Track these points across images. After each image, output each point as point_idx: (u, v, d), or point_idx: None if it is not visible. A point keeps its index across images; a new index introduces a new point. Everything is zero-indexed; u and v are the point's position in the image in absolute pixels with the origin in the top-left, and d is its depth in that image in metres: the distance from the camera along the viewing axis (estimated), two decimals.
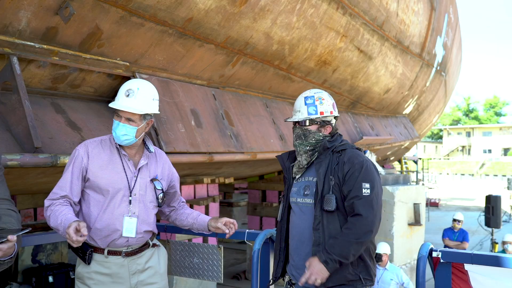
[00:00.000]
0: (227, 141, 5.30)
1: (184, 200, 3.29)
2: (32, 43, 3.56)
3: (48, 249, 6.78)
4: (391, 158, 16.11)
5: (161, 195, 2.94)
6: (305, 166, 2.95)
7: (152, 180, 2.93)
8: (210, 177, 6.89)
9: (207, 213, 6.93)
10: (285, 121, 3.09)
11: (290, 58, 6.20)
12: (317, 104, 2.94)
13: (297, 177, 2.98)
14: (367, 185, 2.74)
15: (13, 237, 2.21)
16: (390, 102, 10.60)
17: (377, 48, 7.89)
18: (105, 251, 2.81)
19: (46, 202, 2.73)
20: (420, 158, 25.43)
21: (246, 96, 6.17)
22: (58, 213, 2.63)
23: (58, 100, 4.06)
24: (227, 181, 7.66)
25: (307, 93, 2.99)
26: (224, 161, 5.39)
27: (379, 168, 9.31)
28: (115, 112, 2.80)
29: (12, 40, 3.43)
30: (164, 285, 3.02)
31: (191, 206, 6.56)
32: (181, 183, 6.23)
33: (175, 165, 4.67)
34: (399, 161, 19.30)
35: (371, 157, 9.25)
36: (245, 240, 3.65)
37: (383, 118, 11.09)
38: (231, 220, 3.07)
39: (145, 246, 2.94)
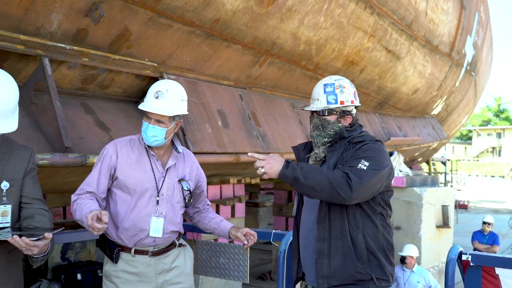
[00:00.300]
0: (253, 142, 5.30)
1: (209, 203, 3.28)
2: (63, 45, 3.62)
3: (77, 247, 6.88)
4: (419, 159, 15.89)
5: (188, 195, 2.95)
6: (323, 158, 2.71)
7: (179, 181, 2.94)
8: (236, 177, 6.90)
9: (233, 213, 6.94)
10: (302, 109, 2.88)
11: (317, 58, 6.17)
12: (337, 93, 2.69)
13: None
14: (366, 162, 2.48)
15: (49, 235, 2.26)
16: (418, 103, 10.45)
17: (406, 48, 7.79)
18: (132, 250, 2.84)
19: (73, 197, 2.76)
20: (448, 160, 25.03)
21: (273, 97, 6.16)
22: (83, 205, 2.65)
23: (87, 100, 4.12)
24: (253, 181, 7.66)
25: (327, 80, 2.74)
26: (251, 161, 5.39)
27: (406, 170, 9.18)
28: (144, 114, 2.82)
29: (44, 42, 3.49)
30: (190, 285, 3.03)
31: (217, 206, 6.58)
32: (208, 183, 6.25)
33: (202, 165, 4.70)
34: (427, 162, 19.04)
35: (399, 158, 9.14)
36: (271, 240, 3.64)
37: (411, 118, 10.95)
38: (252, 232, 2.99)
39: (171, 246, 2.95)
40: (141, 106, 2.81)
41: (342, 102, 2.68)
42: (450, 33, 9.40)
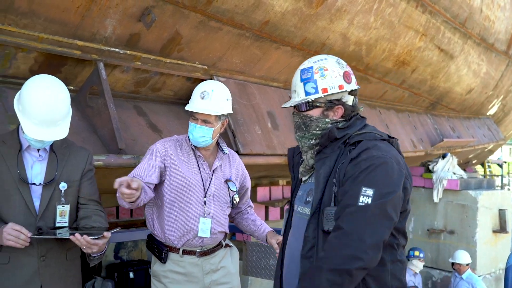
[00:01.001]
0: None
1: (252, 205, 3.27)
2: (117, 49, 3.72)
3: (129, 246, 7.04)
4: (473, 162, 15.38)
5: (235, 196, 2.97)
6: (313, 165, 2.14)
7: (226, 181, 2.96)
8: (286, 179, 6.89)
9: (281, 215, 6.93)
10: (282, 107, 2.42)
11: (367, 59, 6.08)
12: (316, 79, 2.06)
13: (303, 178, 2.19)
14: (369, 191, 1.85)
15: (108, 234, 2.34)
16: (473, 103, 10.11)
17: (459, 46, 7.56)
18: (180, 251, 2.87)
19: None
20: (505, 162, 24.10)
21: None
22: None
23: (140, 103, 4.22)
24: None
25: (305, 63, 2.15)
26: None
27: (461, 172, 8.90)
28: (191, 115, 2.86)
29: (99, 47, 3.60)
30: (237, 285, 3.05)
31: (266, 208, 6.59)
32: (257, 185, 6.28)
33: (252, 166, 4.73)
34: (482, 165, 18.39)
35: (452, 160, 8.87)
36: None
37: (465, 119, 10.61)
38: None
39: (218, 246, 2.98)
40: (188, 107, 2.86)
41: (324, 90, 2.06)
42: (507, 30, 9.04)
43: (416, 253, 7.45)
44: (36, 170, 2.47)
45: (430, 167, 8.68)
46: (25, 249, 2.37)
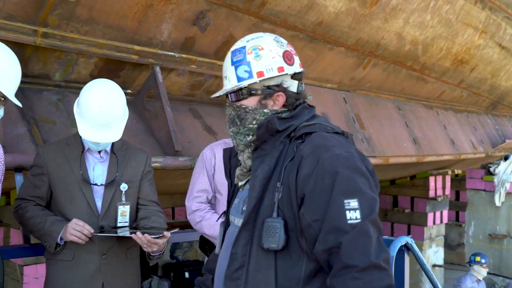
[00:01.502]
0: (358, 145, 5.18)
1: None
2: (172, 53, 3.80)
3: (185, 247, 7.16)
4: None
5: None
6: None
7: None
8: None
9: None
10: (212, 97, 2.07)
11: (424, 58, 5.94)
12: (250, 60, 1.67)
13: (240, 183, 1.77)
14: (353, 203, 1.46)
15: (168, 234, 2.40)
16: None
17: None
18: None
19: (196, 205, 2.88)
20: None
21: (377, 99, 6.03)
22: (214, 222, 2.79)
23: (195, 105, 4.28)
24: None
25: (237, 43, 1.78)
26: None
27: None
28: None
29: (156, 51, 3.69)
30: None
31: None
32: None
33: None
34: None
35: None
36: None
37: None
38: None
39: None
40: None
41: (260, 74, 1.65)
42: None
43: (477, 258, 7.19)
44: (97, 171, 2.56)
45: (491, 169, 8.38)
46: (88, 247, 2.46)
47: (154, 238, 2.38)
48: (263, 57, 1.67)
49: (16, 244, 4.37)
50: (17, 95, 2.44)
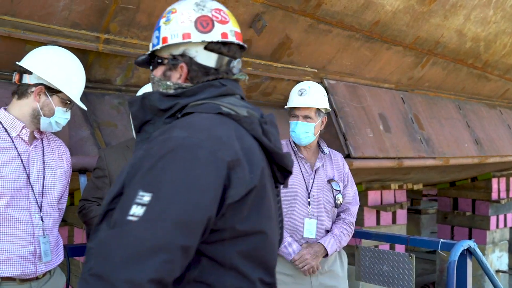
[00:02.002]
0: (417, 146, 5.08)
1: (351, 205, 3.13)
2: None
3: None
4: None
5: (338, 195, 2.94)
6: None
7: (329, 181, 2.95)
8: (398, 183, 6.67)
9: (394, 220, 6.71)
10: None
11: (486, 56, 5.72)
12: (161, 25, 1.48)
13: None
14: (146, 197, 1.17)
15: None
16: None
17: None
18: None
19: None
20: None
21: (436, 98, 5.87)
22: None
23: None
24: (415, 187, 7.34)
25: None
26: (414, 166, 5.18)
27: None
28: (290, 115, 2.94)
29: None
30: None
31: (378, 213, 6.42)
32: (368, 189, 6.14)
33: (363, 170, 4.64)
34: None
35: None
36: (439, 250, 3.45)
37: None
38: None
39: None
40: (288, 105, 2.95)
41: (164, 40, 1.45)
42: None
43: None
44: None
45: None
46: None
47: None
48: (172, 21, 1.45)
49: (79, 242, 4.53)
50: (81, 99, 2.54)
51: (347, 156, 4.30)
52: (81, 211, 2.64)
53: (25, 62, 2.22)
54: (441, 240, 3.43)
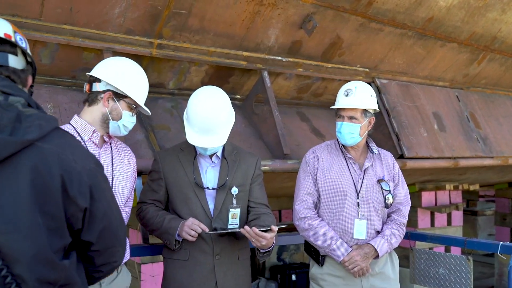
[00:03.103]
0: (473, 145, 4.93)
1: (402, 205, 3.05)
2: (279, 58, 3.84)
3: (291, 249, 7.19)
4: None
5: (388, 196, 2.89)
6: None
7: (378, 181, 2.89)
8: (453, 183, 6.49)
9: (449, 221, 6.53)
10: None
11: None
12: None
13: None
14: None
15: (275, 228, 2.43)
16: None
17: None
18: None
19: (304, 212, 2.89)
20: None
21: (494, 96, 5.67)
22: (324, 228, 2.82)
23: (302, 108, 4.30)
24: (471, 187, 7.12)
25: None
26: (470, 166, 5.02)
27: None
28: (337, 115, 2.90)
29: (263, 56, 3.75)
30: None
31: (432, 214, 6.27)
32: (421, 189, 6.01)
33: (417, 170, 4.54)
34: None
35: None
36: (498, 253, 3.34)
37: None
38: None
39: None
40: (334, 106, 2.91)
41: None
42: None
43: None
44: (210, 175, 2.65)
45: None
46: (202, 248, 2.55)
47: (262, 231, 2.41)
48: None
49: (134, 243, 4.64)
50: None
51: (400, 157, 4.22)
52: (139, 213, 2.70)
53: (95, 72, 2.36)
54: (501, 242, 3.32)
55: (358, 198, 2.85)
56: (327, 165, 2.91)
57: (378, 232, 2.90)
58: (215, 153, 2.65)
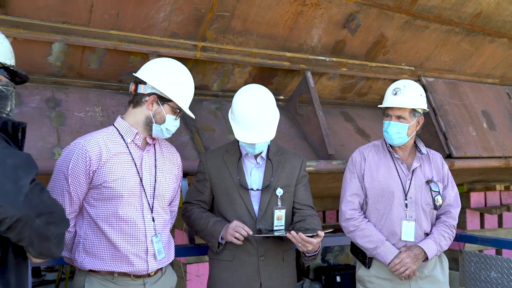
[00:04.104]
0: None
1: (452, 207, 2.96)
2: (323, 58, 3.81)
3: (336, 251, 7.13)
4: None
5: (437, 197, 2.81)
6: None
7: (427, 182, 2.82)
8: (504, 184, 6.29)
9: (500, 223, 6.34)
10: None
11: None
12: None
13: None
14: None
15: (322, 233, 2.41)
16: None
17: None
18: None
19: (350, 213, 2.86)
20: None
21: None
22: (372, 230, 2.79)
23: (346, 108, 4.26)
24: None
25: None
26: None
27: None
28: (384, 114, 2.85)
29: (306, 56, 3.73)
30: None
31: (481, 215, 6.10)
32: (470, 190, 5.85)
33: (465, 170, 4.42)
34: None
35: None
36: None
37: None
38: None
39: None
40: (381, 105, 2.85)
41: None
42: None
43: None
44: (254, 176, 2.65)
45: None
46: (247, 249, 2.56)
47: (308, 236, 2.40)
48: None
49: (180, 244, 4.70)
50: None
51: (448, 156, 4.12)
52: (184, 214, 2.74)
53: (141, 73, 2.36)
54: None
55: (406, 199, 2.80)
56: (374, 165, 2.87)
57: (426, 234, 2.83)
58: (261, 153, 2.65)
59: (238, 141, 2.65)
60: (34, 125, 2.90)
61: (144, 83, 2.32)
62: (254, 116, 2.49)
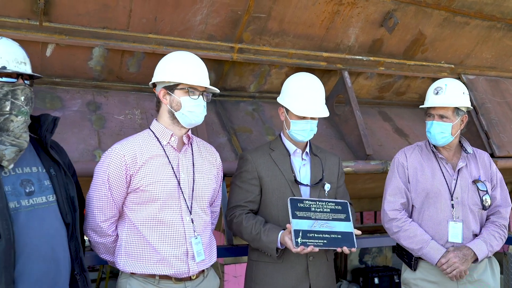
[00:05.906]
0: None
1: (502, 209, 2.87)
2: (360, 57, 3.77)
3: (374, 252, 7.05)
4: None
5: (485, 197, 2.73)
6: None
7: (474, 182, 2.75)
8: None
9: None
10: None
11: None
12: None
13: None
14: None
15: (358, 232, 2.41)
16: None
17: None
18: None
19: (393, 214, 2.81)
20: None
21: None
22: (417, 231, 2.73)
23: (384, 108, 4.20)
24: None
25: None
26: None
27: None
28: (427, 114, 2.79)
29: (343, 56, 3.70)
30: None
31: None
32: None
33: (509, 170, 4.29)
34: None
35: None
36: None
37: None
38: None
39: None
40: (423, 105, 2.80)
41: None
42: None
43: None
44: (302, 173, 2.65)
45: None
46: None
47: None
48: None
49: (218, 244, 4.73)
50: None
51: (490, 156, 4.01)
52: (232, 220, 2.65)
53: (153, 77, 2.39)
54: None
55: (452, 200, 2.74)
56: (418, 166, 2.81)
57: (475, 236, 2.76)
58: (305, 149, 2.65)
59: (281, 140, 2.66)
60: (75, 128, 2.97)
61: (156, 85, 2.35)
62: (314, 91, 2.56)
